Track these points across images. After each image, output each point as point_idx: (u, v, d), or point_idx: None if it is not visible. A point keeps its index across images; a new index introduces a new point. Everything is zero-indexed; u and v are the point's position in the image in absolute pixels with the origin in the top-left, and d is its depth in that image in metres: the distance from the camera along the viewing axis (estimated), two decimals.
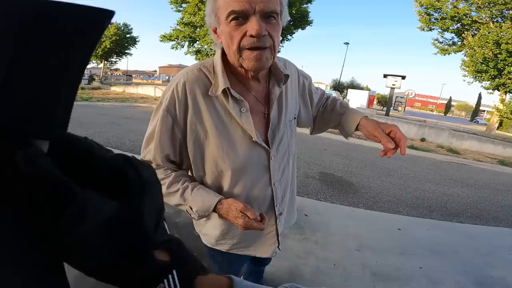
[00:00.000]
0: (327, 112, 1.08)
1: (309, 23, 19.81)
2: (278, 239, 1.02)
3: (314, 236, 2.50)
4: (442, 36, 15.70)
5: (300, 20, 18.81)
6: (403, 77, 14.56)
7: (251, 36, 0.65)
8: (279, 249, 1.05)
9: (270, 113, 0.84)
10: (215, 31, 0.75)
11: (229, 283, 0.32)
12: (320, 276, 1.98)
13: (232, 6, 0.64)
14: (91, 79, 30.80)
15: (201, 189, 0.83)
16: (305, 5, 18.68)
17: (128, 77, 47.45)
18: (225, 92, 0.75)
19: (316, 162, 5.58)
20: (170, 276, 0.27)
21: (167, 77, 51.08)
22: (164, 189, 0.81)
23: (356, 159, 6.22)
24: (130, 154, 0.27)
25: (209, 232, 0.98)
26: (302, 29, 19.87)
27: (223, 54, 0.77)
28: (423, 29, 15.43)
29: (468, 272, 2.21)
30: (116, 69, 48.30)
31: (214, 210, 0.81)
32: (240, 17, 0.65)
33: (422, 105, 62.06)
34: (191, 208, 0.82)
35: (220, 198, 0.81)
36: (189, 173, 0.94)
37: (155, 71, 73.22)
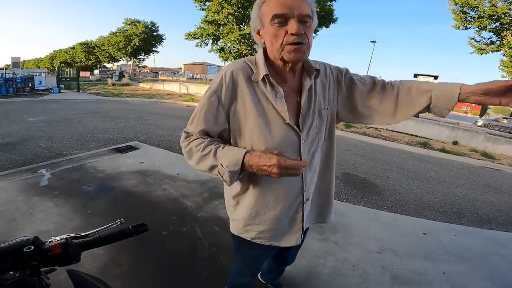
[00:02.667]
0: (404, 96, 0.95)
1: (333, 20, 19.39)
2: (303, 226, 1.04)
3: (334, 236, 2.47)
4: (479, 35, 14.67)
5: (324, 18, 18.48)
6: (435, 77, 13.81)
7: (292, 34, 0.80)
8: (302, 237, 1.07)
9: (301, 101, 0.93)
10: (258, 33, 0.91)
11: None
12: (338, 277, 1.96)
13: (275, 10, 0.80)
14: (121, 75, 32.22)
15: (231, 146, 0.91)
16: (329, 3, 18.30)
17: (155, 74, 49.11)
18: (264, 79, 0.88)
19: (339, 162, 5.47)
20: None
21: (191, 74, 52.20)
22: (199, 153, 0.90)
23: (381, 161, 6.02)
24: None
25: (238, 216, 1.04)
26: (326, 27, 19.51)
27: (264, 52, 0.91)
28: (458, 28, 14.51)
29: (494, 279, 2.11)
30: (144, 66, 50.27)
31: (243, 164, 0.83)
32: (282, 20, 0.81)
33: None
34: (222, 165, 0.85)
35: (248, 150, 0.86)
36: None
37: (180, 68, 75.02)
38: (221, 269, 1.90)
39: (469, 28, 14.38)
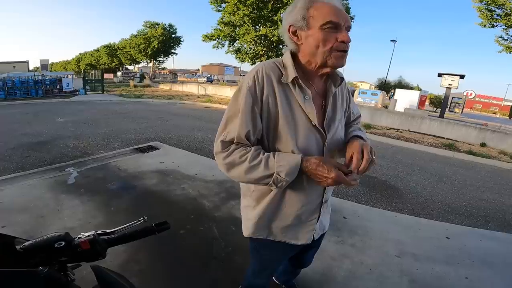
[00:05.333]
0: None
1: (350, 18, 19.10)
2: (317, 227, 1.08)
3: (351, 239, 2.43)
4: (507, 33, 13.79)
5: None
6: (462, 76, 13.17)
7: (342, 42, 0.84)
8: (314, 237, 1.09)
9: (327, 106, 0.97)
10: (294, 33, 0.90)
11: None
12: (354, 280, 1.93)
13: (331, 17, 0.84)
14: (142, 77, 33.24)
15: (281, 153, 0.90)
16: (345, 0, 17.98)
17: (174, 75, 50.22)
18: (293, 82, 0.90)
19: None
20: None
21: (209, 75, 52.92)
22: (246, 164, 0.87)
23: (403, 163, 5.83)
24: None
25: (255, 214, 1.04)
26: None
27: (292, 54, 0.93)
28: (484, 26, 13.73)
29: None
30: (163, 68, 51.47)
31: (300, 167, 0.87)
32: (333, 27, 0.84)
33: (484, 106, 55.00)
34: (279, 175, 0.85)
35: (302, 156, 0.88)
36: None
37: (198, 69, 76.30)
38: (237, 269, 1.93)
39: (496, 26, 13.56)
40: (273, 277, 1.77)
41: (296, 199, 0.99)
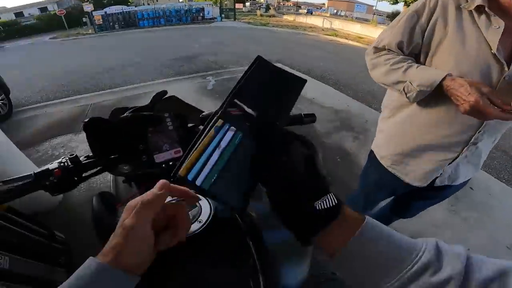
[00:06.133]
0: None
1: None
2: (445, 169, 0.94)
3: (466, 212, 2.08)
4: None
5: None
6: None
7: None
8: (437, 183, 0.98)
9: None
10: None
11: (362, 220, 0.33)
12: None
13: None
14: (268, 8, 33.29)
15: (427, 67, 0.85)
16: None
17: (298, 7, 47.90)
18: (478, 9, 0.76)
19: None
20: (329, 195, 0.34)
21: (335, 11, 47.75)
22: (387, 67, 0.89)
23: None
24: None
25: (386, 127, 1.06)
26: None
27: None
28: None
29: None
30: (288, 0, 49.45)
31: (439, 86, 0.78)
32: None
33: None
34: (412, 84, 0.83)
35: (449, 73, 0.77)
36: None
37: (324, 4, 69.50)
38: None
39: None
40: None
41: (434, 122, 0.88)
